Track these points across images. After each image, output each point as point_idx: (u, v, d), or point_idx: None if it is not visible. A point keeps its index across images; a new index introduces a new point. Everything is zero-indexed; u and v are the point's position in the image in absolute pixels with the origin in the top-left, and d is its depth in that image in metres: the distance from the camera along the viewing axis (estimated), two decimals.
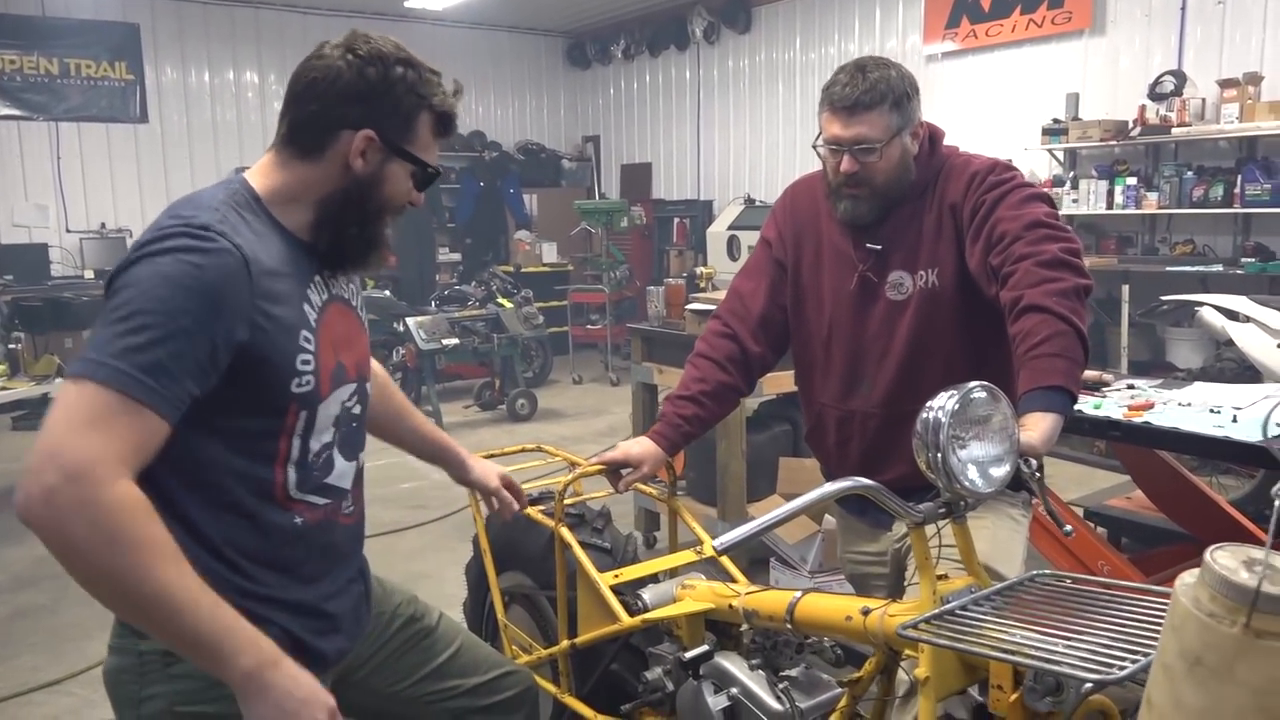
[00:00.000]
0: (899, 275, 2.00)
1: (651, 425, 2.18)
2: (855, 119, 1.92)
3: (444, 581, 4.21)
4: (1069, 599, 1.41)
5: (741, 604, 1.79)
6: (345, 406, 1.52)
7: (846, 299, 2.06)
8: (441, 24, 10.94)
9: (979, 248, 1.85)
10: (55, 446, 1.17)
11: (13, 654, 3.75)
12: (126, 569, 1.17)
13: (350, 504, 1.57)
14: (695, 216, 10.41)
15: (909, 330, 1.99)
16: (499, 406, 8.00)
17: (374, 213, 1.47)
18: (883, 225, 2.03)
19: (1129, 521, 4.21)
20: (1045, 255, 1.74)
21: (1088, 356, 1.72)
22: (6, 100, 9.13)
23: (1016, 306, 1.72)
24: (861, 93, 1.91)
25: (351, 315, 1.58)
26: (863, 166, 1.94)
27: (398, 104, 1.42)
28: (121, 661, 1.43)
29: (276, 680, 1.25)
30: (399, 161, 1.45)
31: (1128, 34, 7.03)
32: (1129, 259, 6.83)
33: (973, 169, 1.96)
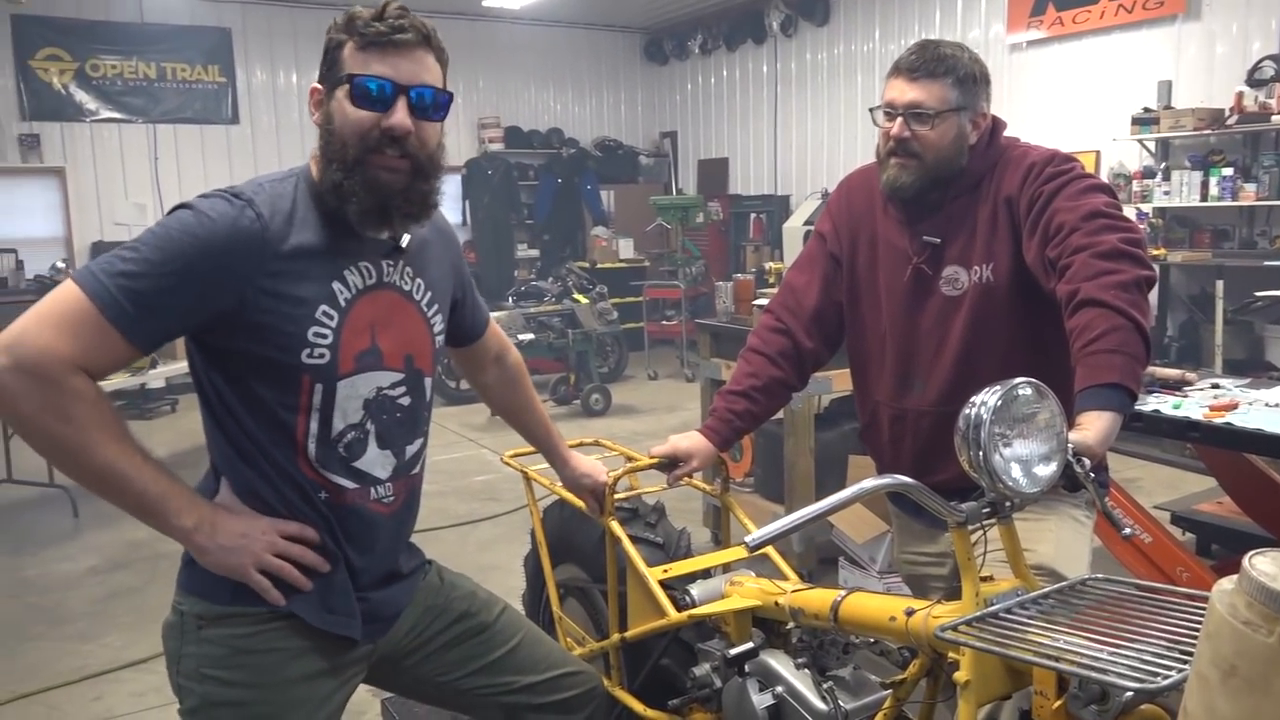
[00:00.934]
0: (954, 270, 1.95)
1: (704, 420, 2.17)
2: (914, 84, 1.89)
3: (512, 573, 4.26)
4: (1119, 604, 1.36)
5: (788, 601, 1.77)
6: (383, 393, 1.55)
7: (900, 293, 2.02)
8: (519, 22, 11.06)
9: (1036, 240, 1.79)
10: (19, 334, 1.32)
11: (103, 632, 3.93)
12: (76, 445, 1.34)
13: (389, 494, 1.60)
14: (772, 211, 10.33)
15: (964, 327, 1.94)
16: (574, 401, 8.07)
17: (346, 154, 1.45)
18: (937, 217, 1.98)
19: (1219, 527, 4.05)
20: (1103, 246, 1.66)
21: (1149, 352, 1.64)
22: (108, 103, 9.55)
23: (1073, 300, 1.65)
24: (926, 60, 1.89)
25: (410, 307, 1.60)
26: (914, 135, 1.90)
27: (328, 48, 1.48)
28: (171, 619, 1.54)
29: (218, 525, 1.44)
30: (335, 94, 1.46)
31: (1224, 18, 6.72)
32: (1224, 253, 6.55)
33: (1030, 160, 1.90)
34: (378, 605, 1.62)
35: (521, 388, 2.04)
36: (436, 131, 1.50)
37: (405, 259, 1.59)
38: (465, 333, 1.87)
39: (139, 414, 8.09)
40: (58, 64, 9.29)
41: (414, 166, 1.47)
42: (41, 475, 5.54)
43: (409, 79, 1.45)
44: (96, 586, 4.45)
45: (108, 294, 1.33)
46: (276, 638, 1.50)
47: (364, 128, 1.44)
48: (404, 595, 1.69)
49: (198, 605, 1.50)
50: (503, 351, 2.00)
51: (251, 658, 1.49)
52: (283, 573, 1.47)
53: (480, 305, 1.91)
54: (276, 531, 1.47)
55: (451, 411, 8.12)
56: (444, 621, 1.75)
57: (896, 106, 1.92)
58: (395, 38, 1.43)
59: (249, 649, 1.49)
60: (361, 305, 1.51)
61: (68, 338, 1.31)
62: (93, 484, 1.38)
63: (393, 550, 1.65)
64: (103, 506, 6.14)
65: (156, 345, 1.41)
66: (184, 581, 1.53)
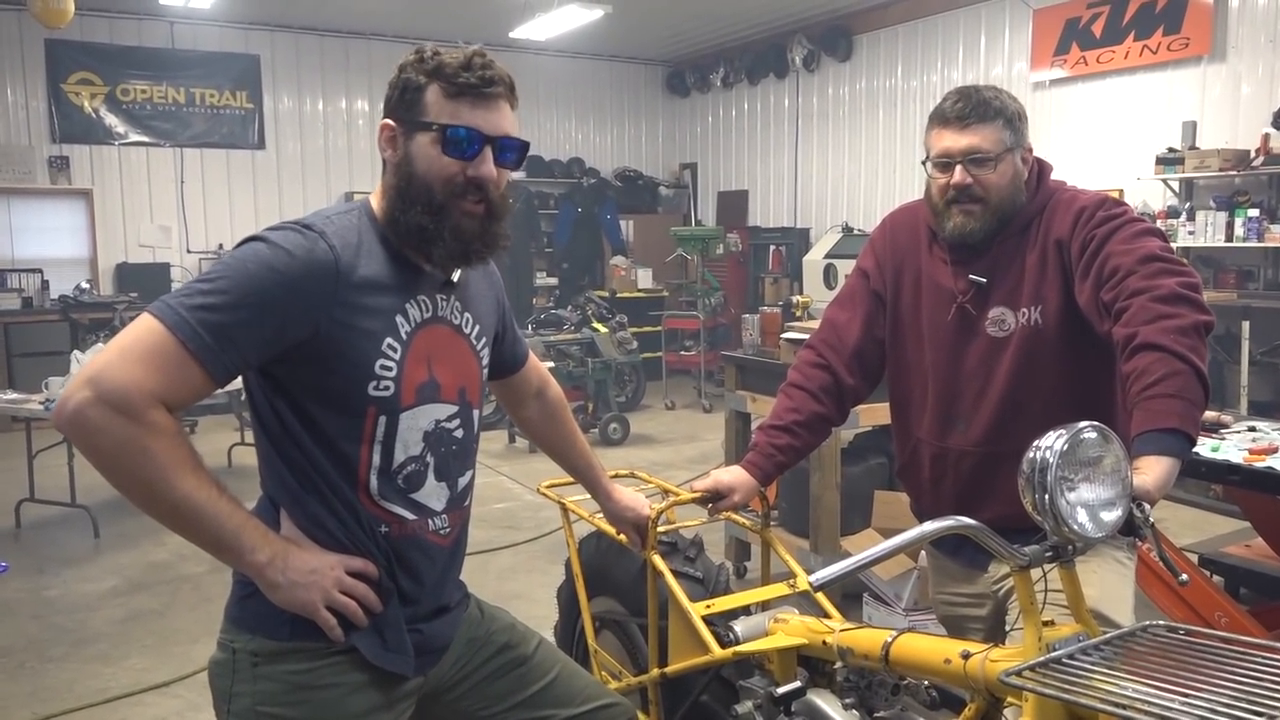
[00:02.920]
0: (1001, 311, 1.95)
1: (744, 454, 2.16)
2: (968, 131, 1.90)
3: (535, 602, 4.25)
4: (1185, 652, 1.34)
5: (836, 641, 1.75)
6: (441, 426, 1.57)
7: (944, 333, 2.02)
8: (545, 53, 11.17)
9: (1089, 284, 1.79)
10: (102, 368, 1.31)
11: (124, 655, 3.92)
12: (153, 480, 1.33)
13: (445, 525, 1.61)
14: (791, 244, 10.35)
15: (1010, 369, 1.94)
16: (591, 430, 8.05)
17: (421, 193, 1.48)
18: (984, 258, 1.98)
19: (1248, 571, 4.00)
20: (1162, 290, 1.66)
21: (1208, 397, 1.63)
22: (137, 127, 9.67)
23: (1131, 344, 1.65)
24: (974, 105, 1.90)
25: (461, 341, 1.63)
26: (975, 180, 1.90)
27: (404, 89, 1.49)
28: (220, 656, 1.52)
29: (289, 561, 1.42)
30: (416, 136, 1.48)
31: (1250, 60, 6.74)
32: (1250, 294, 6.52)
33: (1080, 204, 1.90)
34: (430, 638, 1.62)
35: (563, 421, 2.05)
36: (508, 176, 1.56)
37: (455, 294, 1.62)
38: (506, 365, 1.89)
39: None
40: (89, 88, 9.43)
41: (489, 210, 1.52)
42: (63, 495, 5.56)
43: (494, 130, 1.49)
44: (118, 608, 4.44)
45: (188, 327, 1.33)
46: (334, 673, 1.49)
47: (450, 174, 1.48)
48: (452, 628, 1.68)
49: (253, 642, 1.48)
50: (543, 386, 2.01)
51: (311, 694, 1.48)
52: (347, 610, 1.46)
53: (520, 339, 1.93)
54: (343, 567, 1.47)
55: None
56: (486, 654, 1.74)
57: (953, 155, 1.92)
58: (485, 90, 1.48)
59: (308, 685, 1.48)
60: (420, 338, 1.53)
61: (150, 371, 1.31)
62: (168, 518, 1.37)
63: (445, 582, 1.65)
64: (123, 527, 6.11)
65: (232, 377, 1.40)
66: (236, 617, 1.52)
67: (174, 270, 9.68)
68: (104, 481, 1.38)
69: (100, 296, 9.08)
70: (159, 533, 5.50)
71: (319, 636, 1.47)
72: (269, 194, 10.18)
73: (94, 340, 6.66)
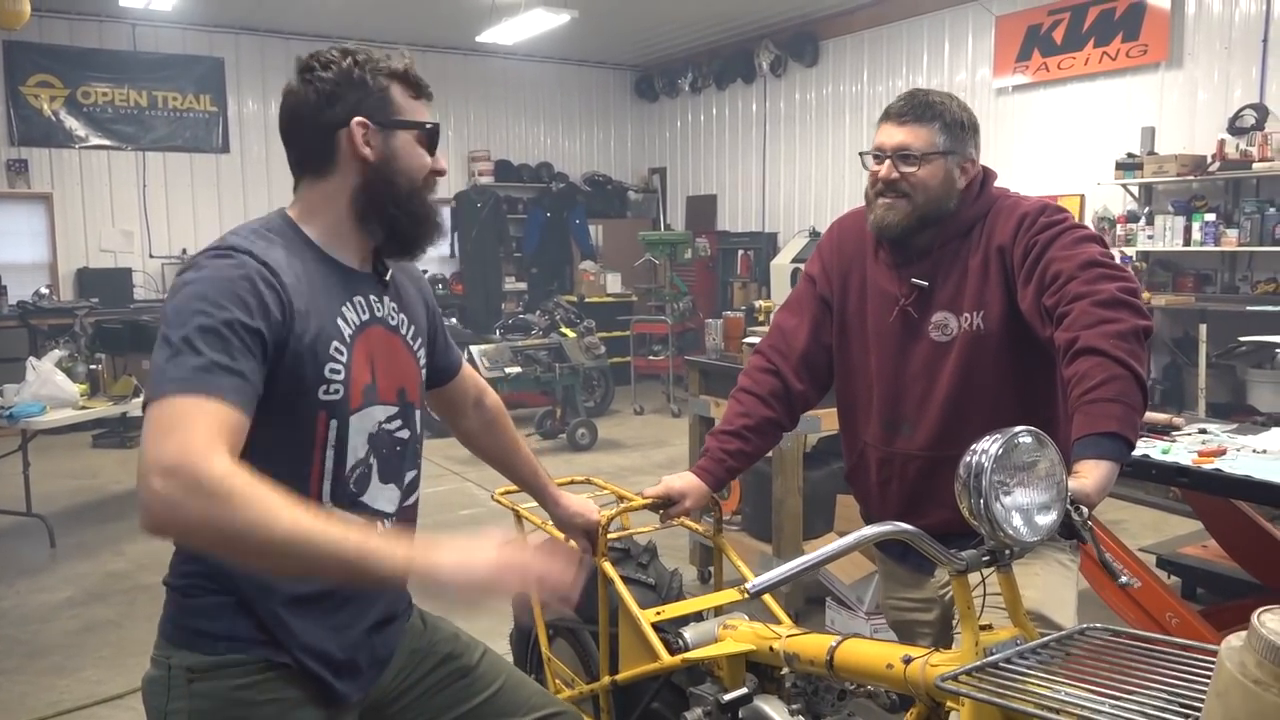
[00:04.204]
0: (944, 316, 1.97)
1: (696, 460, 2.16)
2: (902, 128, 1.95)
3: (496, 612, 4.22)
4: (1120, 655, 1.35)
5: (782, 646, 1.75)
6: (383, 427, 1.55)
7: (887, 336, 2.03)
8: (512, 58, 11.15)
9: (1031, 289, 1.81)
10: (149, 460, 1.22)
11: (79, 666, 3.86)
12: (253, 525, 1.19)
13: (390, 528, 1.58)
14: (760, 249, 10.39)
15: (953, 373, 1.96)
16: (560, 435, 8.04)
17: (404, 190, 1.53)
18: (926, 261, 2.00)
19: (1205, 571, 4.06)
20: (1102, 295, 1.68)
21: (1147, 402, 1.65)
22: (98, 131, 9.54)
23: (1072, 348, 1.67)
24: (915, 105, 1.95)
25: (397, 341, 1.61)
26: (901, 176, 1.94)
27: (365, 85, 1.49)
28: (154, 673, 1.48)
29: (432, 558, 1.26)
30: (398, 133, 1.52)
31: (1206, 67, 6.85)
32: (1207, 297, 6.62)
33: (1022, 210, 1.93)
34: (376, 647, 1.60)
35: (504, 429, 2.02)
36: None
37: (389, 294, 1.62)
38: (440, 372, 1.86)
39: (120, 443, 8.00)
40: (49, 90, 9.29)
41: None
42: (19, 504, 5.47)
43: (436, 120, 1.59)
44: (73, 619, 4.37)
45: (181, 382, 1.28)
46: (273, 687, 1.46)
47: (426, 167, 1.56)
48: (396, 638, 1.66)
49: (188, 658, 1.44)
50: (481, 394, 1.98)
51: (249, 710, 1.44)
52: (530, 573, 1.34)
53: (452, 345, 1.91)
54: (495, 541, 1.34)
55: (436, 444, 8.03)
56: (428, 665, 1.72)
57: (885, 149, 1.97)
58: (429, 91, 1.58)
59: (246, 700, 1.44)
60: (361, 340, 1.52)
61: (184, 431, 1.23)
62: (283, 559, 1.24)
63: (392, 595, 1.63)
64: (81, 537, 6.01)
65: (251, 397, 1.33)
66: (169, 633, 1.47)
67: (136, 275, 9.56)
68: (60, 490, 1.31)
69: (60, 302, 8.94)
70: (117, 542, 5.43)
71: (255, 649, 1.44)
72: (233, 198, 10.08)
73: (52, 347, 6.56)
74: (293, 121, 1.52)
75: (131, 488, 6.70)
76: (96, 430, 8.03)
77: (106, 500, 6.41)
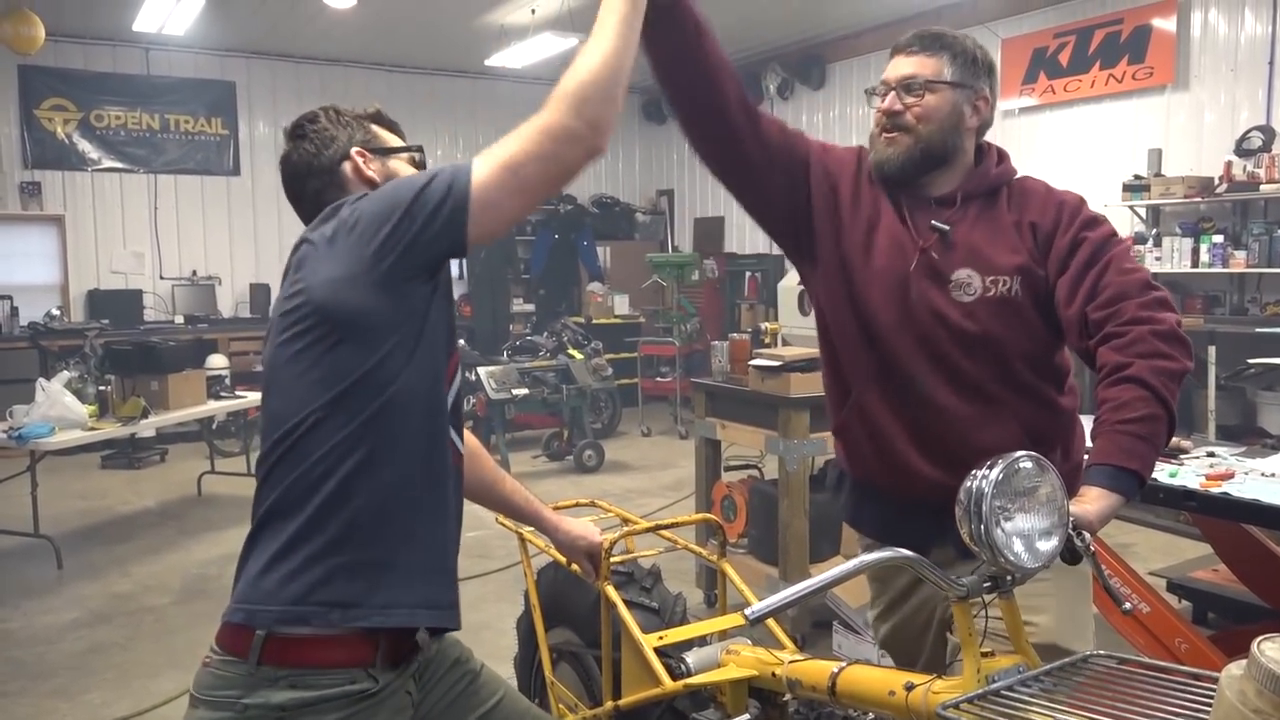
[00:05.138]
0: (966, 274, 1.83)
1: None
2: (909, 59, 1.87)
3: (504, 633, 4.20)
4: (1124, 683, 1.34)
5: (785, 672, 1.74)
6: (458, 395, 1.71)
7: (901, 286, 1.87)
8: (521, 81, 11.21)
9: (1081, 295, 1.73)
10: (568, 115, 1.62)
11: (83, 689, 3.85)
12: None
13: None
14: (767, 271, 10.39)
15: (972, 335, 1.83)
16: (567, 457, 8.03)
17: None
18: (946, 210, 1.87)
19: (1216, 596, 4.02)
20: (1163, 327, 1.65)
21: (1168, 444, 1.66)
22: (111, 153, 9.63)
23: (1120, 372, 1.63)
24: (923, 36, 1.88)
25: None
26: (905, 107, 1.85)
27: (350, 127, 1.68)
28: (217, 715, 1.42)
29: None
30: (391, 159, 1.69)
31: (1213, 89, 6.86)
32: (1216, 319, 6.60)
33: (1059, 197, 1.86)
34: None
35: (484, 459, 2.02)
36: None
37: None
38: None
39: (128, 463, 8.03)
40: (62, 114, 9.39)
41: None
42: (26, 525, 5.48)
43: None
44: (78, 641, 4.37)
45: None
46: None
47: None
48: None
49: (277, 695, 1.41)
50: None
51: None
52: None
53: None
54: None
55: None
56: (442, 669, 1.73)
57: (890, 82, 1.88)
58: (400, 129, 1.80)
59: None
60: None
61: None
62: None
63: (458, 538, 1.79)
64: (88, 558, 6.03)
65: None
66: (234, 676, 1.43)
67: (146, 297, 9.62)
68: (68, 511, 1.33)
69: (70, 323, 9.00)
70: (124, 564, 5.43)
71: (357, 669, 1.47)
72: (244, 220, 10.14)
73: (62, 368, 6.58)
74: (295, 177, 1.68)
75: (139, 509, 6.72)
76: (105, 451, 8.06)
77: (114, 521, 6.42)
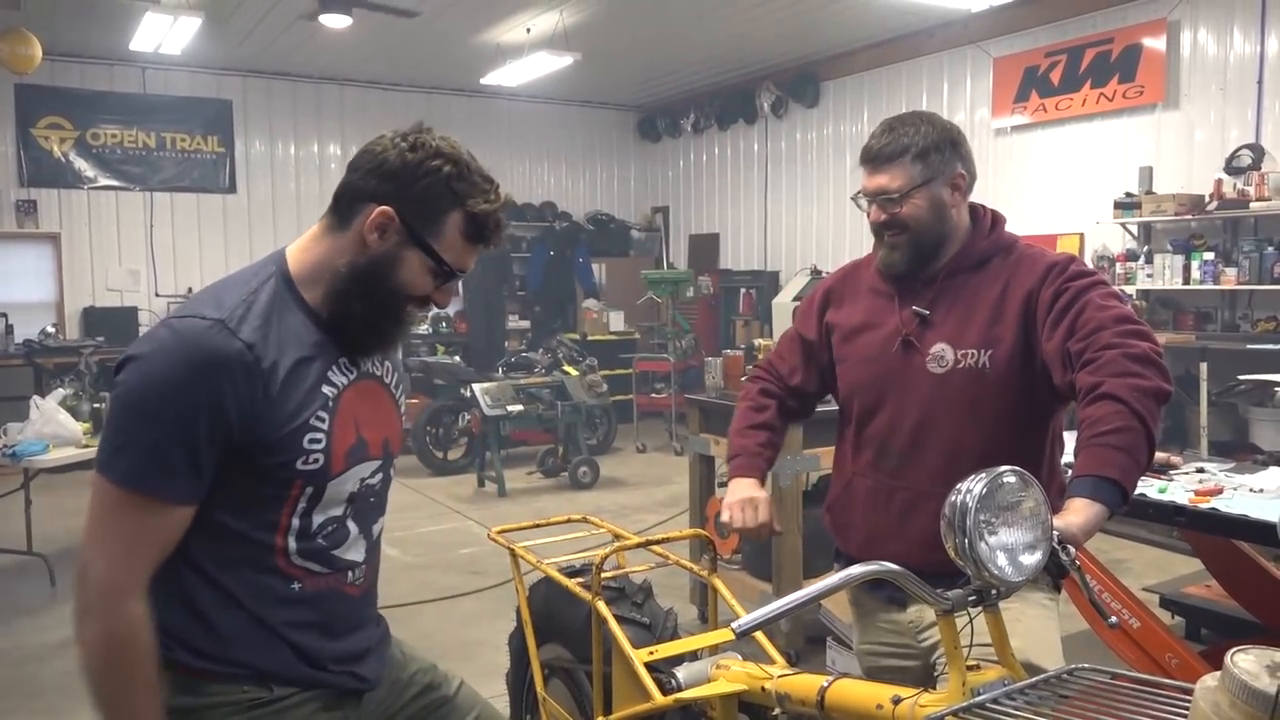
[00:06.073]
0: (941, 348, 1.97)
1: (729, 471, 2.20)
2: (878, 171, 1.99)
3: (497, 649, 4.17)
4: (1107, 695, 1.35)
5: (774, 687, 1.75)
6: (366, 483, 1.55)
7: (885, 368, 2.04)
8: (517, 99, 11.29)
9: (1060, 332, 1.82)
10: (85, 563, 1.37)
11: (73, 708, 3.82)
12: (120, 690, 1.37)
13: (360, 575, 1.58)
14: (761, 287, 10.43)
15: (949, 408, 1.96)
16: (562, 474, 8.03)
17: (384, 296, 1.46)
18: (928, 291, 2.01)
19: (1208, 611, 4.03)
20: (1135, 350, 1.70)
21: (1150, 461, 1.68)
22: (107, 172, 9.66)
23: (1094, 391, 1.68)
24: (882, 146, 1.98)
25: (383, 393, 1.60)
26: (890, 216, 1.98)
27: (426, 192, 1.43)
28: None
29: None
30: (415, 250, 1.45)
31: (1202, 108, 6.92)
32: (1207, 335, 6.63)
33: (1050, 259, 1.95)
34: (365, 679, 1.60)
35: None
36: None
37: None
38: None
39: None
40: (59, 132, 9.42)
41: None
42: (20, 543, 5.47)
43: (469, 268, 1.53)
44: (70, 659, 4.31)
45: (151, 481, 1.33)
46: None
47: (424, 292, 1.50)
48: (381, 666, 1.66)
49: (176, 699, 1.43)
50: None
51: None
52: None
53: None
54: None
55: (439, 483, 8.07)
56: (409, 694, 1.72)
57: (867, 193, 2.02)
58: (491, 240, 1.50)
59: None
60: (345, 401, 1.49)
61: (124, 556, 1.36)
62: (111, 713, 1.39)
63: (364, 624, 1.63)
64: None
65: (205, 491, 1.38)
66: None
67: (142, 314, 9.62)
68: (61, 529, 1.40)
69: (65, 341, 9.00)
70: None
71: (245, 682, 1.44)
72: (239, 238, 10.17)
73: (57, 385, 6.58)
74: (354, 162, 1.47)
75: None
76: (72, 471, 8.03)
77: None
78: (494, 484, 7.63)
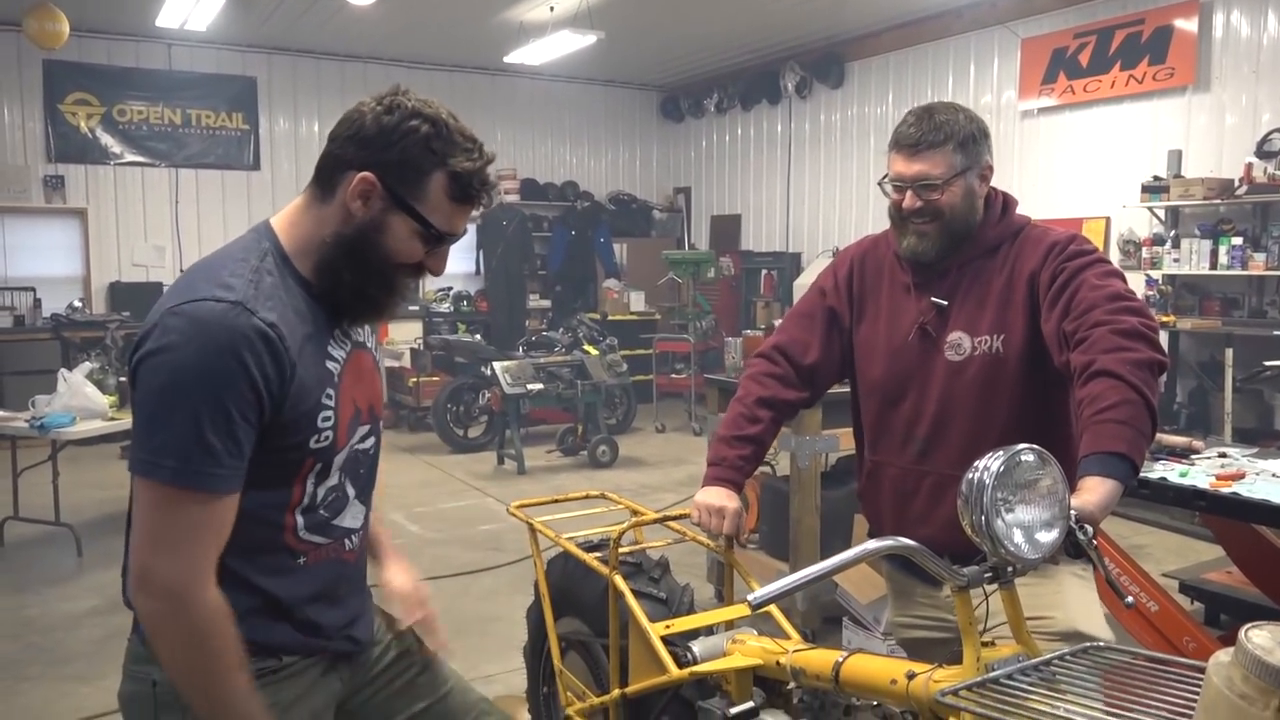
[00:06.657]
0: (959, 336, 1.99)
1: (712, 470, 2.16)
2: (918, 157, 1.95)
3: (515, 624, 4.23)
4: (1121, 672, 1.36)
5: (789, 661, 1.76)
6: (356, 449, 1.54)
7: (905, 356, 2.05)
8: (539, 78, 11.26)
9: (1056, 313, 1.84)
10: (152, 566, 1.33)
11: (101, 674, 3.91)
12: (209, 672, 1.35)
13: (356, 542, 1.59)
14: (783, 268, 10.40)
15: (969, 394, 1.97)
16: (581, 452, 8.07)
17: (374, 264, 1.43)
18: (946, 280, 2.02)
19: (1228, 597, 4.00)
20: (1123, 325, 1.72)
21: (1155, 431, 1.68)
22: (133, 147, 9.73)
23: (1088, 370, 1.69)
24: (925, 132, 1.95)
25: (369, 359, 1.60)
26: (926, 203, 1.96)
27: (406, 154, 1.39)
28: (136, 689, 1.48)
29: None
30: (401, 214, 1.41)
31: (1234, 91, 6.81)
32: (1234, 321, 6.56)
33: (1052, 239, 1.96)
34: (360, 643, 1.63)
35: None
36: None
37: None
38: None
39: (124, 456, 8.11)
40: (86, 108, 9.49)
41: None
42: (48, 513, 5.56)
43: (462, 231, 1.50)
44: (97, 627, 4.43)
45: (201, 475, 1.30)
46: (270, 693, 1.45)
47: (415, 258, 1.46)
48: (370, 627, 1.67)
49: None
50: None
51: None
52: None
53: None
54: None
55: (459, 460, 8.13)
56: (386, 659, 1.72)
57: (905, 180, 1.98)
58: (480, 199, 1.46)
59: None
60: (347, 373, 1.50)
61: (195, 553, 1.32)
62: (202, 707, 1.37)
63: (359, 591, 1.64)
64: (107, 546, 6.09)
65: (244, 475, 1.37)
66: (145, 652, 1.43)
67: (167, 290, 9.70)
68: (88, 500, 1.36)
69: (92, 315, 9.11)
70: None
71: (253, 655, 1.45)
72: (263, 214, 9.79)
73: (84, 359, 6.67)
74: (333, 131, 1.44)
75: None
76: (125, 441, 8.11)
77: None
78: (513, 462, 7.67)
